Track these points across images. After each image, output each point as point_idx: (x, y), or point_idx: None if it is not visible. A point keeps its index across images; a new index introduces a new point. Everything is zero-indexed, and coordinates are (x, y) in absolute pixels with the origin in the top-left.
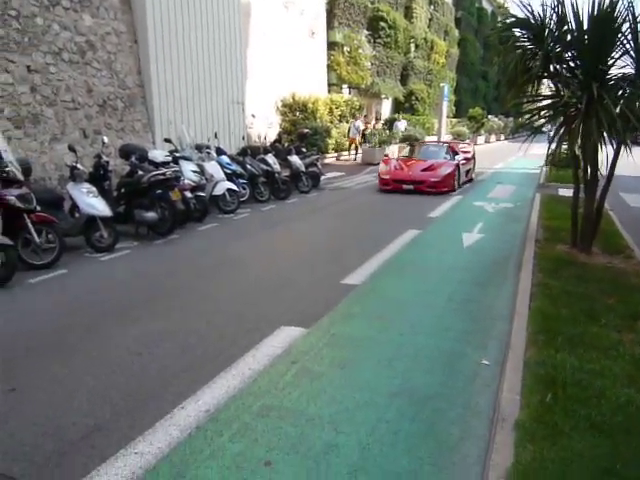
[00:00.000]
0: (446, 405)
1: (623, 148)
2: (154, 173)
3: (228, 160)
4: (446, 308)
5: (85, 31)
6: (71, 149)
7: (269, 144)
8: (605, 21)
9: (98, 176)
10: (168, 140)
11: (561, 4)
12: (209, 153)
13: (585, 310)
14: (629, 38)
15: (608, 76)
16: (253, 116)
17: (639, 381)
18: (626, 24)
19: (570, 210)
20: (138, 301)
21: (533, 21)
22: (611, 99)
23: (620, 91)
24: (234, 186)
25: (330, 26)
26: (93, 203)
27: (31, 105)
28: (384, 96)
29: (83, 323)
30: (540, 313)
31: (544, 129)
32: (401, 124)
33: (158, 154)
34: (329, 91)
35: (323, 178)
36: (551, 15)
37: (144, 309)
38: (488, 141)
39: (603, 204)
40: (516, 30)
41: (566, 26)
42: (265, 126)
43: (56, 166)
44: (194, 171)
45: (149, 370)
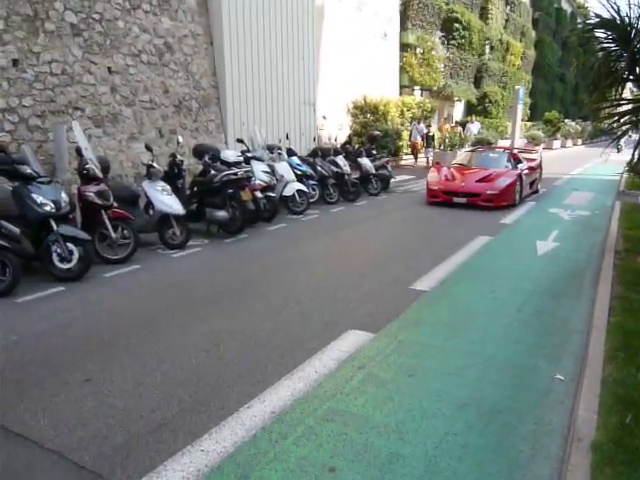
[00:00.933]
0: (516, 420)
1: None
2: (226, 173)
3: (298, 161)
4: (517, 319)
5: (163, 33)
6: (148, 148)
7: (339, 146)
8: None
9: (173, 175)
10: (240, 140)
11: None
12: (280, 154)
13: None
14: None
15: None
16: (324, 117)
17: None
18: None
19: None
20: (206, 298)
21: (619, 21)
22: None
23: None
24: (304, 187)
25: (403, 27)
26: (167, 201)
27: (111, 105)
28: (457, 98)
29: (154, 318)
30: (620, 328)
31: (627, 135)
32: (474, 126)
33: (230, 154)
34: (401, 93)
35: (393, 181)
36: (638, 15)
37: (212, 307)
38: (564, 145)
39: None
40: (600, 31)
41: None
42: (336, 128)
43: (133, 164)
44: (265, 171)
45: (215, 368)
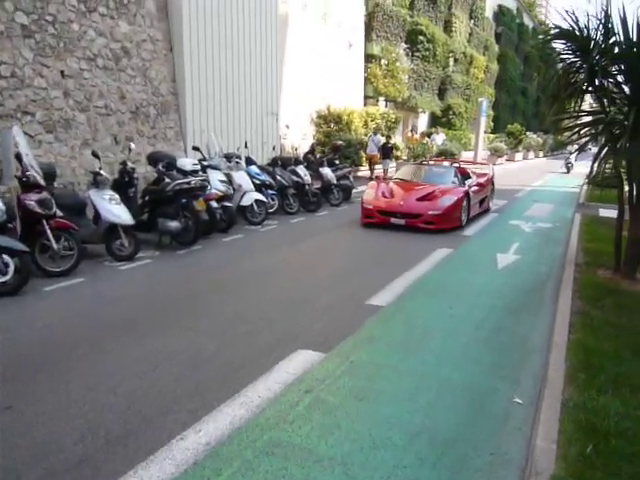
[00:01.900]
0: (472, 451)
1: None
2: (179, 182)
3: (257, 170)
4: (475, 337)
5: (120, 38)
6: (95, 155)
7: (302, 155)
8: None
9: (123, 183)
10: (196, 148)
11: (608, 15)
12: (238, 162)
13: (631, 345)
14: None
15: None
16: (287, 127)
17: None
18: None
19: (613, 233)
20: (150, 315)
21: (578, 32)
22: None
23: None
24: (262, 197)
25: (368, 38)
26: (114, 210)
27: (63, 110)
28: (421, 110)
29: (89, 338)
30: (580, 347)
31: (586, 148)
32: (439, 137)
33: (187, 162)
34: (365, 104)
35: (355, 191)
36: (597, 26)
37: (154, 325)
38: (526, 158)
39: None
40: (559, 42)
41: (614, 38)
42: (299, 137)
43: (86, 171)
44: (222, 180)
45: (149, 394)
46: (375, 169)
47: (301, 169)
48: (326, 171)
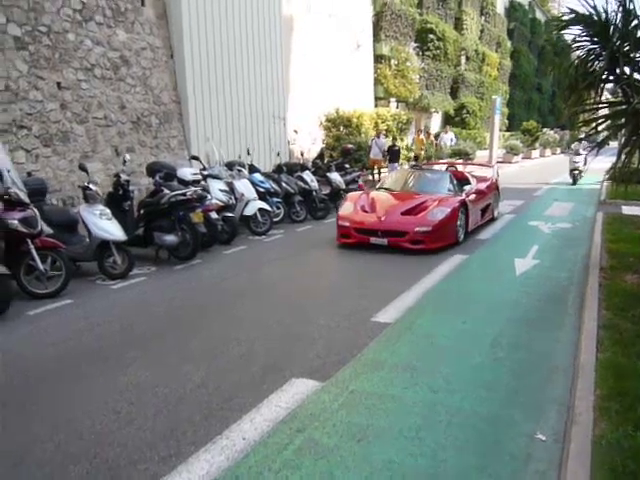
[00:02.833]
0: None
1: None
2: (174, 193)
3: (261, 178)
4: (490, 356)
5: (119, 46)
6: (82, 169)
7: (311, 160)
8: None
9: (118, 196)
10: (195, 157)
11: None
12: (240, 171)
13: None
14: None
15: None
16: (295, 132)
17: None
18: None
19: (638, 232)
20: (136, 340)
21: (596, 17)
22: None
23: None
24: (266, 205)
25: (377, 39)
26: (105, 226)
27: (61, 122)
28: (433, 110)
29: (68, 367)
30: (611, 368)
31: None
32: (447, 136)
33: (187, 172)
34: (376, 105)
35: None
36: (617, 9)
37: (141, 350)
38: (543, 155)
39: None
40: (576, 28)
41: (635, 21)
42: (309, 142)
43: None
44: (222, 190)
45: (123, 436)
46: (381, 175)
47: (308, 175)
48: (334, 176)
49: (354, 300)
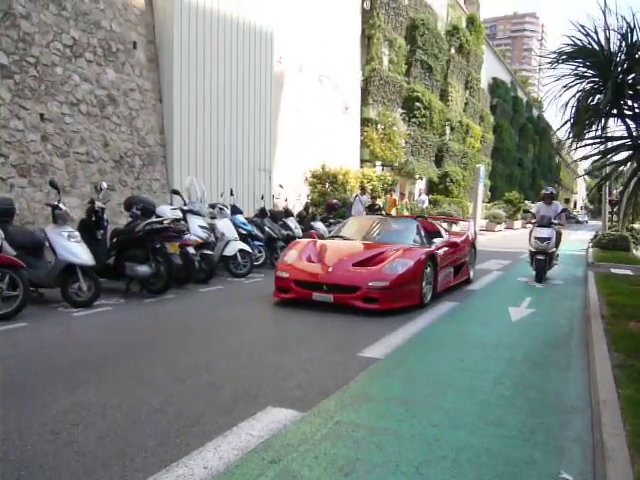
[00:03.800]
0: None
1: None
2: (150, 221)
3: (244, 220)
4: (495, 394)
5: (107, 85)
6: (52, 185)
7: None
8: None
9: (91, 224)
10: (176, 192)
11: (632, 28)
12: (222, 209)
13: None
14: None
15: None
16: (281, 186)
17: None
18: None
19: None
20: (91, 363)
21: (597, 47)
22: None
23: None
24: (247, 247)
25: (365, 102)
26: (73, 249)
27: (40, 154)
28: (418, 176)
29: (11, 386)
30: (637, 404)
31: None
32: (421, 199)
33: (166, 209)
34: (361, 167)
35: None
36: (620, 40)
37: (94, 373)
38: (525, 226)
39: None
40: (576, 61)
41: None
42: (294, 197)
43: None
44: (202, 227)
45: (57, 461)
46: None
47: (292, 221)
48: (319, 225)
49: (340, 337)
